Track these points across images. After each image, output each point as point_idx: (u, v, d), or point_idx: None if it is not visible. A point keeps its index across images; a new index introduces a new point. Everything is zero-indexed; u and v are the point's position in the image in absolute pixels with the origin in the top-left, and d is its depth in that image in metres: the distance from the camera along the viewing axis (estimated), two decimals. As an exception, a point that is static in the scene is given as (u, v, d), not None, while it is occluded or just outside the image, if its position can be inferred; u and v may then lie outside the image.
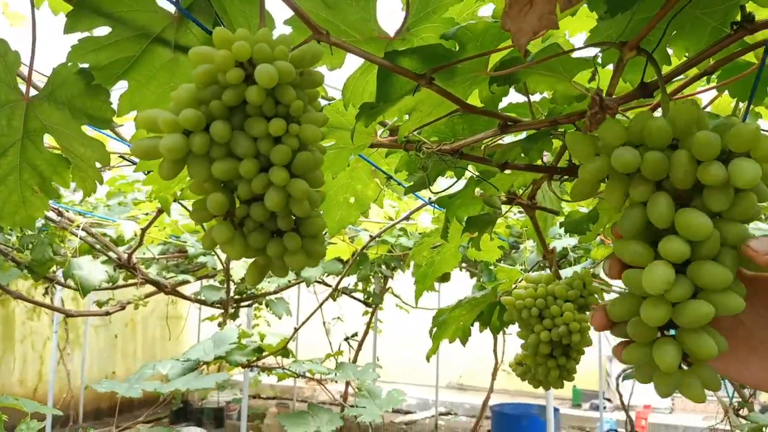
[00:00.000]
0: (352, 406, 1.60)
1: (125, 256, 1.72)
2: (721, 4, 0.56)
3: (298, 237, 0.47)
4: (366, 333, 3.47)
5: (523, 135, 0.85)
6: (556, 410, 5.62)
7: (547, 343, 1.05)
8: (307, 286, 2.03)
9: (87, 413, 6.25)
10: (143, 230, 1.65)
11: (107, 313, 2.12)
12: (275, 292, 2.16)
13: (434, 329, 1.22)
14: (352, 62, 0.69)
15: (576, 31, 0.84)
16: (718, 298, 0.48)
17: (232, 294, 1.94)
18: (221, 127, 0.44)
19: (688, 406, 6.81)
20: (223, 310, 3.88)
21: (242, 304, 2.25)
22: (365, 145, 0.84)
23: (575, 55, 0.69)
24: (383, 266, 2.71)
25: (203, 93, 0.46)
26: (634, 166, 0.48)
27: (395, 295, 3.66)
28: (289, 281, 2.04)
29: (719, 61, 0.64)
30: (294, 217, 0.48)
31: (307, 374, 1.55)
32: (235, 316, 4.08)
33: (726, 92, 0.81)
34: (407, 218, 1.40)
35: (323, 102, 0.78)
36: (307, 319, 1.60)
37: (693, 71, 0.67)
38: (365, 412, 1.44)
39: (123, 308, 2.15)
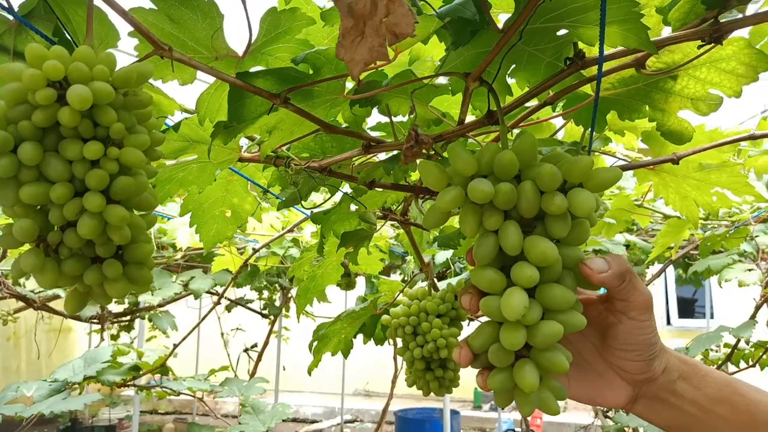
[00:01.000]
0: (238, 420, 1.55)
1: (-12, 269, 1.58)
2: (552, 42, 0.60)
3: (118, 264, 0.45)
4: (266, 343, 3.40)
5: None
6: (456, 413, 5.80)
7: (420, 360, 1.07)
8: (195, 298, 1.96)
9: (-42, 437, 5.68)
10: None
11: (-28, 330, 1.94)
12: (160, 306, 2.06)
13: (315, 343, 1.22)
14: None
15: (441, 55, 0.87)
16: (565, 317, 0.51)
17: (109, 308, 1.83)
18: (30, 149, 0.42)
19: (579, 406, 7.23)
20: (121, 325, 3.65)
21: (122, 318, 2.13)
22: (231, 159, 0.82)
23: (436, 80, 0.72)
24: (283, 276, 2.67)
25: (13, 112, 0.43)
26: (489, 198, 0.50)
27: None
28: (175, 294, 1.96)
29: (558, 93, 0.69)
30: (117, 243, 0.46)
31: (187, 392, 1.50)
32: (129, 329, 3.86)
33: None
34: (291, 230, 1.39)
35: (185, 115, 0.75)
36: (188, 334, 1.54)
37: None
38: (248, 428, 1.41)
39: (-10, 324, 1.97)
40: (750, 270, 1.42)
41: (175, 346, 1.55)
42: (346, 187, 1.01)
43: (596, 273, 0.52)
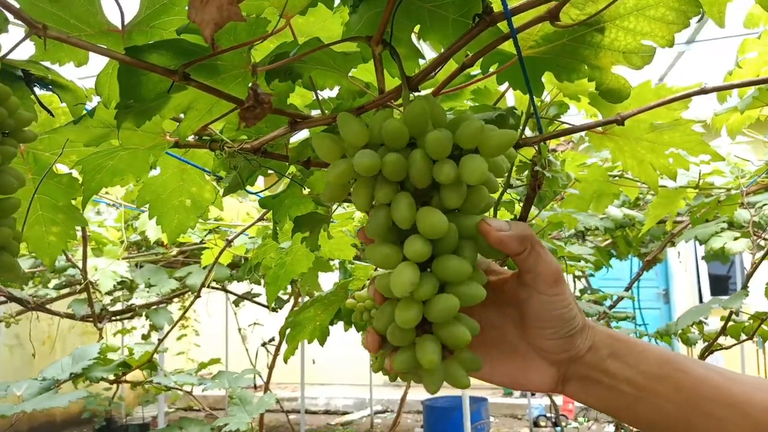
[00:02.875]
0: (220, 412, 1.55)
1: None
2: (449, -4, 0.56)
3: (-35, 248, 0.43)
4: (282, 336, 3.41)
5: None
6: (484, 399, 5.76)
7: (384, 343, 1.05)
8: (193, 293, 1.97)
9: (2, 437, 5.88)
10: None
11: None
12: (159, 303, 2.07)
13: (287, 330, 1.20)
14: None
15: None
16: (463, 289, 0.48)
17: (104, 306, 1.85)
18: None
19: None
20: (133, 324, 3.70)
21: (120, 316, 2.15)
22: (161, 144, 0.80)
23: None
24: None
25: None
26: (376, 169, 0.48)
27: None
28: (171, 290, 1.97)
29: (477, 53, 0.65)
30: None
31: (175, 386, 1.51)
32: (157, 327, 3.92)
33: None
34: (261, 219, 1.37)
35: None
36: (171, 329, 1.55)
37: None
38: (233, 420, 1.41)
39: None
40: (737, 238, 1.34)
41: (160, 341, 1.56)
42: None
43: (494, 230, 0.49)
